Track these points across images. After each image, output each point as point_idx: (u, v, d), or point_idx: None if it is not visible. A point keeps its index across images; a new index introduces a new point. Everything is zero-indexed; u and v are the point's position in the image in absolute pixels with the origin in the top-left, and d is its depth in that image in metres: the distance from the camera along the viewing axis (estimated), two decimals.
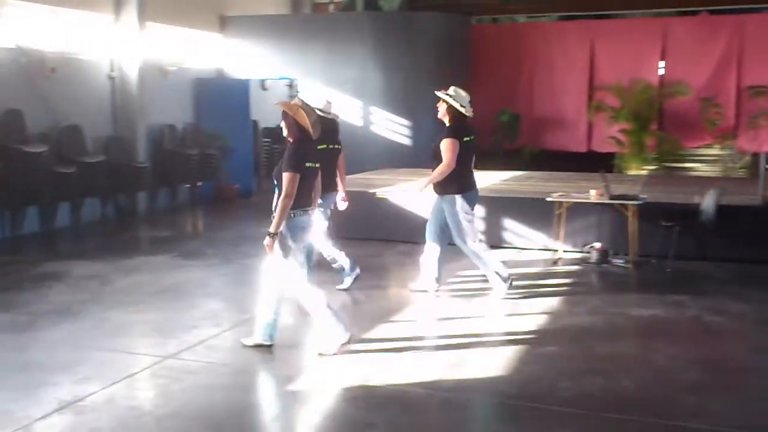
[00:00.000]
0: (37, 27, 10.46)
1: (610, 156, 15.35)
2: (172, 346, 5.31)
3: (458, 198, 6.49)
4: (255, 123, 14.11)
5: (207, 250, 8.92)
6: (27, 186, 9.52)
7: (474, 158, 6.84)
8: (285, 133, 5.10)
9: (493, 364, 5.00)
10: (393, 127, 13.84)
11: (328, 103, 6.80)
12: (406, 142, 13.74)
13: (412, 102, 13.68)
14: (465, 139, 6.52)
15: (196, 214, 12.28)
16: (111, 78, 11.62)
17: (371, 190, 9.62)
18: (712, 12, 15.10)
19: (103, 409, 4.28)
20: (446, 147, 6.42)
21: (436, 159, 6.51)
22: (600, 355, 5.22)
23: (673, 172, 15.44)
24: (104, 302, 6.56)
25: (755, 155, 15.09)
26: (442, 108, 6.53)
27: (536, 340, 5.53)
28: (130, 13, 11.66)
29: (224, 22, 14.61)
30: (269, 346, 5.18)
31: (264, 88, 15.13)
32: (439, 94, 6.57)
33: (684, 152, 15.70)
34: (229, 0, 14.68)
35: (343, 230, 9.17)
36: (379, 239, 9.15)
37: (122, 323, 5.98)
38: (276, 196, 5.01)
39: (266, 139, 14.68)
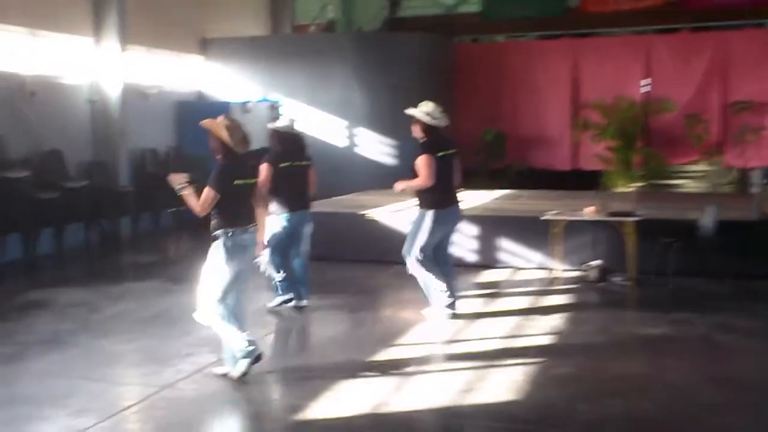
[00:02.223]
0: (17, 50, 10.21)
1: (596, 174, 15.34)
2: (169, 375, 5.06)
3: (431, 213, 6.35)
4: None
5: (195, 275, 8.63)
6: (8, 212, 9.22)
7: (459, 175, 6.71)
8: (211, 151, 5.00)
9: (504, 387, 4.81)
10: (378, 148, 13.70)
11: (292, 120, 6.89)
12: (392, 162, 13.60)
13: (396, 122, 13.50)
14: (440, 153, 6.39)
15: (181, 238, 12.00)
16: (92, 102, 11.37)
17: (360, 212, 9.47)
18: (694, 29, 15.22)
19: None
20: (421, 164, 6.35)
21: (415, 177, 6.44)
22: (614, 376, 5.05)
23: (660, 188, 15.44)
24: (93, 330, 6.28)
25: (742, 171, 15.19)
26: (416, 126, 6.46)
27: (546, 362, 5.35)
28: (111, 37, 11.43)
29: (205, 45, 14.44)
30: (257, 358, 4.94)
31: (245, 111, 14.96)
32: (407, 111, 6.51)
33: (671, 169, 15.72)
34: (209, 23, 14.50)
35: (334, 251, 9.05)
36: (370, 261, 8.96)
37: (114, 352, 5.72)
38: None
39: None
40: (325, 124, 13.75)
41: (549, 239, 8.20)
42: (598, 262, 8.20)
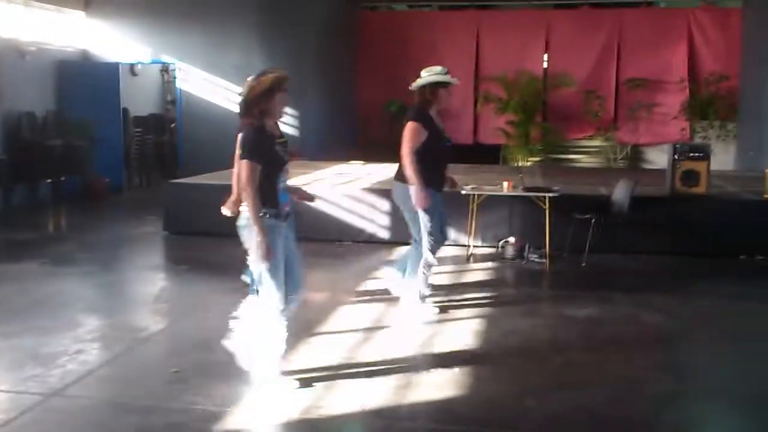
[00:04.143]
0: None
1: (495, 148, 15.28)
2: (56, 379, 4.32)
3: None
4: (125, 111, 12.86)
5: (80, 255, 7.79)
6: None
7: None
8: None
9: (445, 383, 4.37)
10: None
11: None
12: (293, 131, 12.94)
13: (299, 89, 12.89)
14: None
15: (62, 212, 10.91)
16: None
17: None
18: (593, 5, 15.34)
19: None
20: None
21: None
22: (556, 366, 4.72)
23: (556, 163, 15.58)
24: None
25: (635, 146, 15.55)
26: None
27: (482, 352, 4.96)
28: None
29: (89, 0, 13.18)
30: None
31: (134, 73, 13.89)
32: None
33: (568, 144, 15.89)
34: None
35: (233, 227, 8.38)
36: None
37: None
38: None
39: (138, 129, 13.48)
40: (223, 90, 12.88)
41: (465, 215, 7.89)
42: (513, 239, 7.99)
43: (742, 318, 5.95)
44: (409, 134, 5.48)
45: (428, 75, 5.60)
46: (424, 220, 5.60)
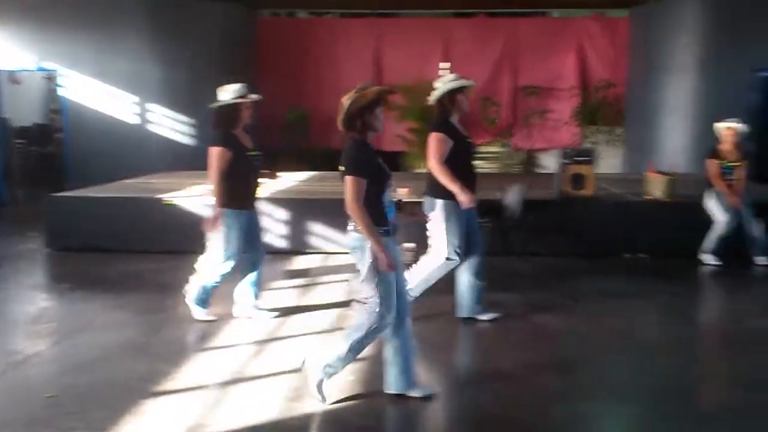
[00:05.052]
0: None
1: (397, 155, 15.39)
2: None
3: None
4: (4, 121, 12.22)
5: None
6: None
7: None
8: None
9: (334, 390, 4.33)
10: (174, 126, 12.64)
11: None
12: (189, 141, 12.65)
13: (195, 98, 12.63)
14: None
15: None
16: None
17: (156, 196, 8.58)
18: (490, 15, 15.68)
19: None
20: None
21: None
22: (449, 369, 4.77)
23: None
24: None
25: (530, 152, 15.99)
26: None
27: (374, 357, 4.94)
28: None
29: None
30: None
31: (15, 81, 13.23)
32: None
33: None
34: None
35: (123, 242, 8.08)
36: (169, 251, 8.12)
37: None
38: None
39: (20, 140, 12.84)
40: (113, 98, 12.42)
41: None
42: (411, 245, 8.03)
43: (625, 314, 6.17)
44: (435, 145, 5.46)
45: (443, 84, 5.58)
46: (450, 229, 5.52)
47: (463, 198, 5.44)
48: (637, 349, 5.35)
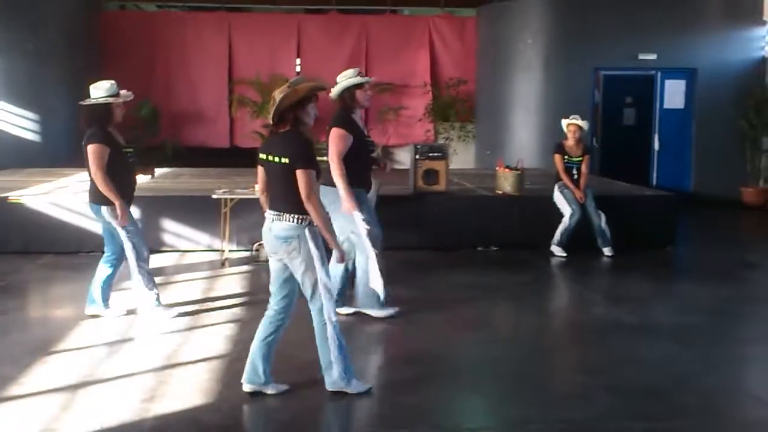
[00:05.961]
0: None
1: (253, 151, 15.25)
2: None
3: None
4: None
5: None
6: None
7: None
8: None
9: (192, 391, 4.30)
10: (16, 121, 11.88)
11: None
12: (34, 137, 11.97)
13: (39, 92, 11.98)
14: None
15: None
16: None
17: (1, 194, 8.13)
18: (341, 11, 15.82)
19: None
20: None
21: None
22: (304, 364, 4.81)
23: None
24: None
25: (385, 147, 16.32)
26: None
27: (233, 357, 4.91)
28: None
29: None
30: None
31: None
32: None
33: (320, 146, 16.23)
34: None
35: None
36: (14, 252, 7.69)
37: None
38: None
39: None
40: None
41: (218, 219, 7.81)
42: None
43: (478, 305, 6.42)
44: (336, 140, 5.59)
45: (343, 80, 5.70)
46: (358, 221, 5.70)
47: (349, 200, 5.59)
48: (488, 339, 5.60)
